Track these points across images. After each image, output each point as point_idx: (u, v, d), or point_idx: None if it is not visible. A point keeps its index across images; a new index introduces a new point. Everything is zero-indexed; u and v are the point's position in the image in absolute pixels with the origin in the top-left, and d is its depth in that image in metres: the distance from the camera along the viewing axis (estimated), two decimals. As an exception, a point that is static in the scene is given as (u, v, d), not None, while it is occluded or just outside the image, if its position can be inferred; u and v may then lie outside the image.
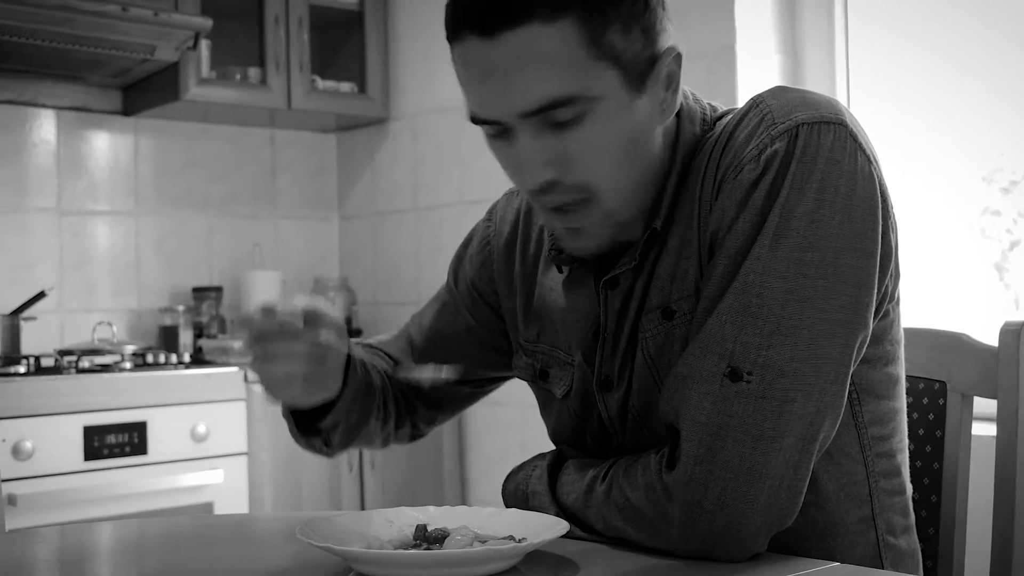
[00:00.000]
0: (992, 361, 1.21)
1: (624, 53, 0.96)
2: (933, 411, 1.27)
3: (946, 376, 1.27)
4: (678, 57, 1.01)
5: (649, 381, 1.05)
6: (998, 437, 1.19)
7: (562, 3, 0.93)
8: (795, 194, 0.94)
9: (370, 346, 1.36)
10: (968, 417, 1.25)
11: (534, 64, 0.94)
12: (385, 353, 1.34)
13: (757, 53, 2.58)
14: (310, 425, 1.20)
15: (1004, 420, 1.19)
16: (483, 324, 1.28)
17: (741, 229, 0.96)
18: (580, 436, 1.14)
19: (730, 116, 1.05)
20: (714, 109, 1.09)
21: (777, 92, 1.01)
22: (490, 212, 1.30)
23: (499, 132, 1.00)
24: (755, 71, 2.57)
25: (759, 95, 1.02)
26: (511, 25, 0.93)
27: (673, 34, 1.01)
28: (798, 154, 0.95)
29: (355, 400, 1.18)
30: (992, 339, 1.23)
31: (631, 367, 1.06)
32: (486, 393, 1.37)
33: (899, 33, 2.51)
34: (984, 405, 1.27)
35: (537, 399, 1.22)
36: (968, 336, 1.27)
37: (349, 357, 1.16)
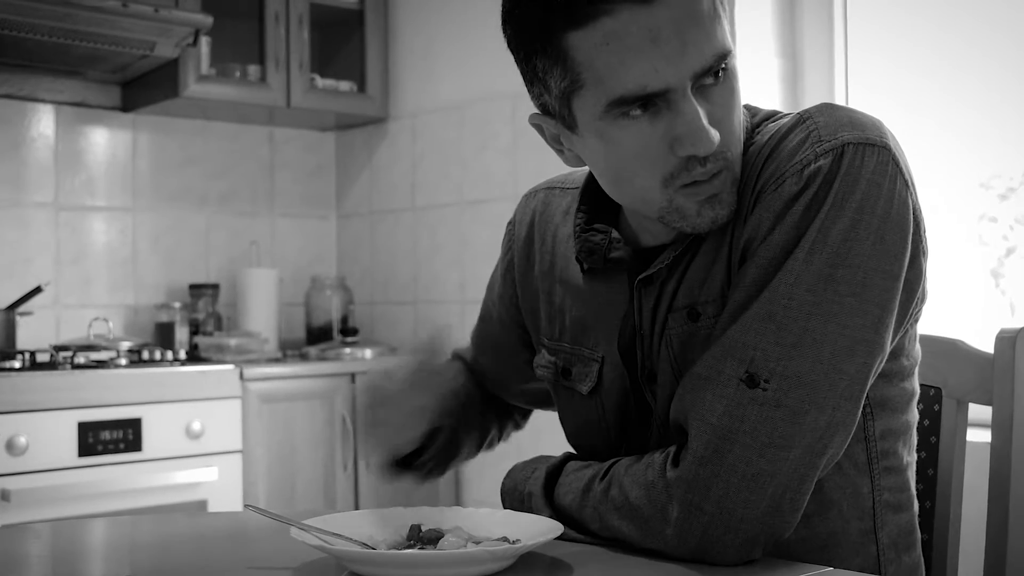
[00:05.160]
0: (988, 368, 1.21)
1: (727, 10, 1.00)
2: (929, 417, 1.27)
3: (942, 382, 1.27)
4: None
5: (670, 377, 1.05)
6: (993, 443, 1.19)
7: None
8: (835, 212, 0.95)
9: (460, 359, 1.40)
10: (963, 423, 1.25)
11: (700, 20, 0.94)
12: (464, 361, 1.39)
13: (756, 56, 2.59)
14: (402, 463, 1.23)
15: (999, 426, 1.19)
16: (508, 330, 1.29)
17: (776, 240, 0.96)
18: (605, 435, 1.14)
19: (773, 127, 1.05)
20: (753, 112, 1.09)
21: (825, 109, 1.01)
22: (512, 217, 1.31)
23: (647, 107, 0.96)
24: (754, 74, 2.57)
25: (807, 110, 1.02)
26: None
27: None
28: (842, 173, 0.95)
29: (448, 441, 1.23)
30: (988, 345, 1.23)
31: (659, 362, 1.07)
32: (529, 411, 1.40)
33: (898, 38, 2.51)
34: (979, 411, 1.27)
35: (556, 399, 1.22)
36: (964, 343, 1.27)
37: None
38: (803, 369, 0.93)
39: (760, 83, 2.57)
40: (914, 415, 1.11)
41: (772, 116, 1.08)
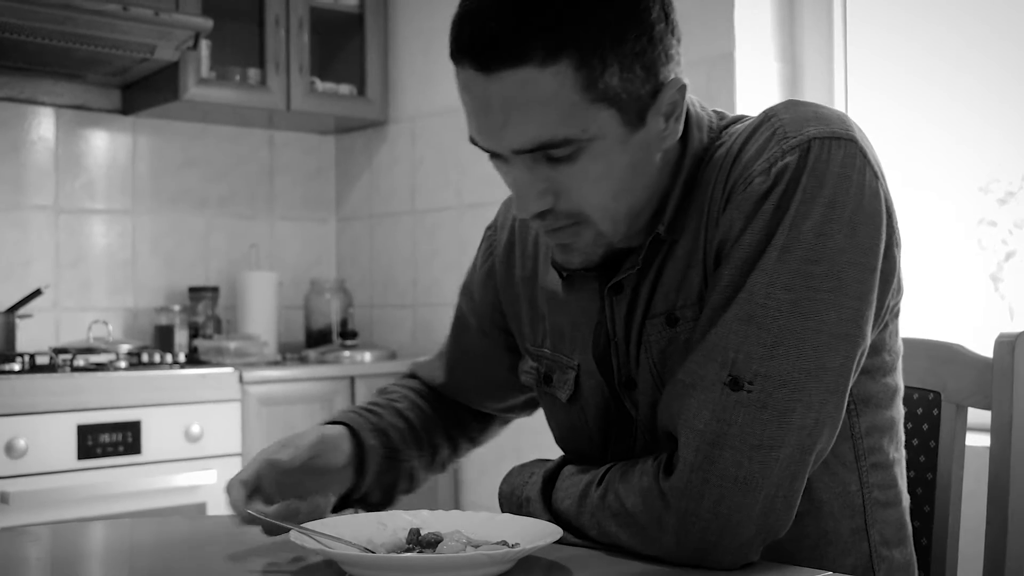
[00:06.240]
0: (987, 372, 1.21)
1: (622, 93, 0.95)
2: (927, 421, 1.27)
3: (941, 387, 1.27)
4: (682, 88, 1.00)
5: (651, 385, 1.05)
6: (992, 448, 1.19)
7: (558, 47, 0.92)
8: (804, 208, 0.95)
9: (410, 377, 1.39)
10: (962, 428, 1.25)
11: (527, 107, 0.94)
12: (421, 380, 1.37)
13: (756, 61, 2.59)
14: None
15: (998, 431, 1.19)
16: (490, 338, 1.29)
17: (748, 240, 0.96)
18: (589, 441, 1.14)
19: (740, 127, 1.05)
20: (721, 116, 1.09)
21: (789, 106, 1.01)
22: (491, 223, 1.31)
23: (496, 156, 1.01)
24: (754, 79, 2.58)
25: (771, 108, 1.02)
26: (507, 66, 0.93)
27: (680, 61, 1.01)
28: (809, 168, 0.95)
29: (376, 479, 1.22)
30: (987, 350, 1.23)
31: (639, 369, 1.07)
32: (512, 419, 1.39)
33: (898, 42, 2.52)
34: (978, 416, 1.27)
35: (542, 405, 1.22)
36: (963, 347, 1.27)
37: (362, 446, 1.20)
38: (785, 368, 0.93)
39: (760, 88, 2.57)
40: (899, 412, 1.11)
41: (739, 119, 1.08)
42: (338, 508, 1.22)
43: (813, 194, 0.95)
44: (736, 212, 0.98)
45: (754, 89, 2.56)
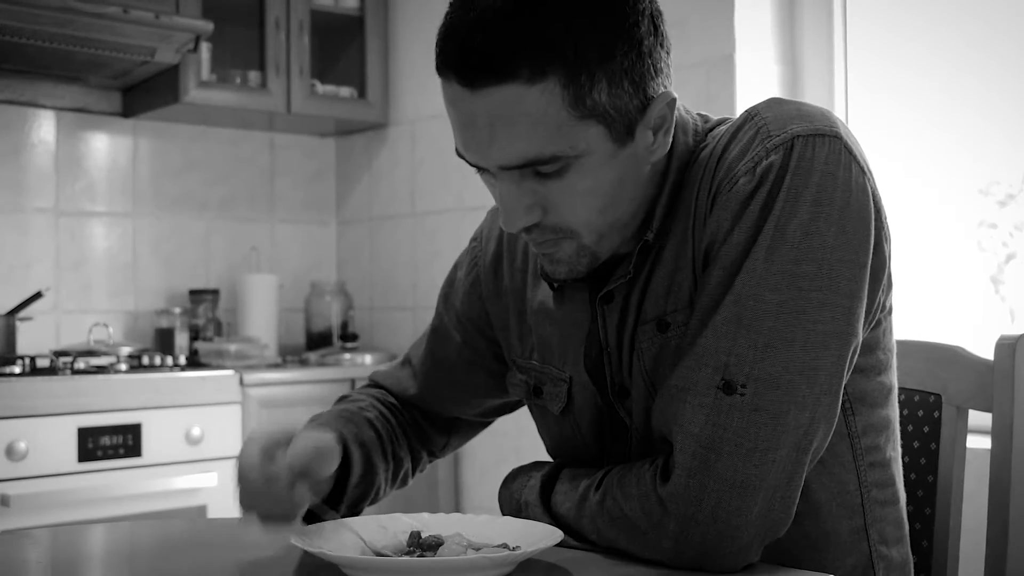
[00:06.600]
0: (987, 374, 1.21)
1: (611, 108, 0.95)
2: (928, 424, 1.27)
3: (941, 389, 1.27)
4: (672, 102, 0.99)
5: (644, 392, 1.05)
6: (992, 450, 1.20)
7: (545, 64, 0.91)
8: (790, 206, 0.94)
9: (372, 385, 1.36)
10: (963, 430, 1.25)
11: (514, 123, 0.93)
12: (385, 389, 1.34)
13: (756, 63, 2.59)
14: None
15: (999, 433, 1.19)
16: (472, 347, 1.28)
17: (736, 241, 0.96)
18: (584, 451, 1.13)
19: (724, 128, 1.04)
20: (705, 120, 1.09)
21: (772, 104, 1.01)
22: (476, 233, 1.30)
23: (483, 170, 1.00)
24: (754, 81, 2.58)
25: (754, 107, 1.02)
26: (493, 82, 0.92)
27: (670, 75, 1.00)
28: (793, 166, 0.95)
29: (353, 492, 1.20)
30: (988, 352, 1.23)
31: (632, 377, 1.07)
32: (490, 422, 1.37)
33: (898, 42, 2.52)
34: (979, 418, 1.27)
35: (533, 416, 1.22)
36: (963, 349, 1.27)
37: (348, 458, 1.16)
38: (777, 370, 0.93)
39: (760, 90, 2.57)
40: (894, 411, 1.11)
41: (723, 121, 1.08)
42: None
43: (798, 192, 0.94)
44: (723, 213, 0.98)
45: (754, 91, 2.56)
